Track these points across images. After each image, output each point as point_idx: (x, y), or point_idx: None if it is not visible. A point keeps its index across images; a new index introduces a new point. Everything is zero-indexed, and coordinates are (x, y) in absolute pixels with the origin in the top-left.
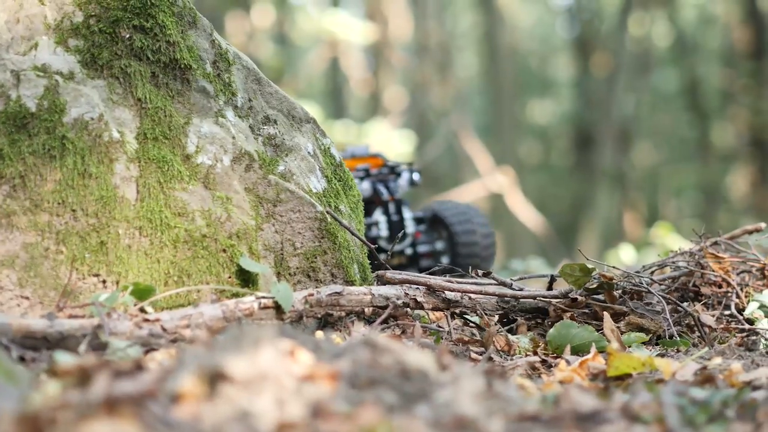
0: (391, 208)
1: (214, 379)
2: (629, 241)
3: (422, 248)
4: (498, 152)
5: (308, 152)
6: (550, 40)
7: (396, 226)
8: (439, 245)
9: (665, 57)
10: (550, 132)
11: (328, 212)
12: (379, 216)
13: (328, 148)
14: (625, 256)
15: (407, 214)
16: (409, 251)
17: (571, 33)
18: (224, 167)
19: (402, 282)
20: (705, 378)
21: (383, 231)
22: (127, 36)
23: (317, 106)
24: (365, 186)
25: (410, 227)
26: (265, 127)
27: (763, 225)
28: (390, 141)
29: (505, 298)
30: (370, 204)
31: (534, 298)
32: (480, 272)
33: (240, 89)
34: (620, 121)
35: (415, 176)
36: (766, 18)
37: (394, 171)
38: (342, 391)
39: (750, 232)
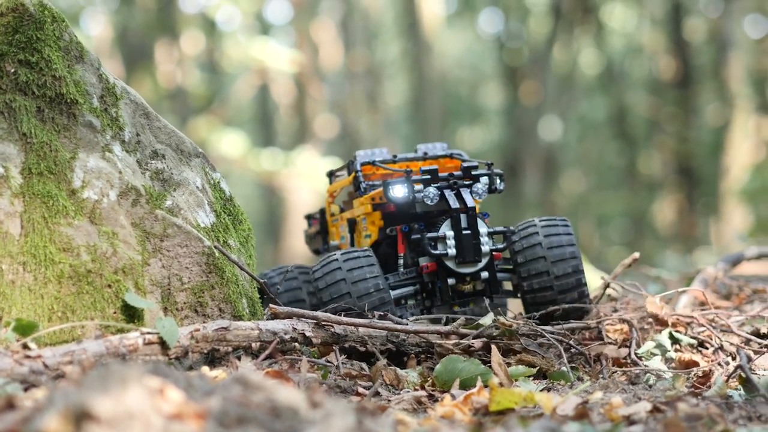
0: (463, 220)
1: (80, 418)
2: None
3: (503, 274)
4: None
5: (197, 186)
6: (480, 68)
7: (467, 243)
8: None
9: (593, 85)
10: (480, 159)
11: (216, 247)
12: (446, 230)
13: (218, 182)
14: None
15: (483, 229)
16: (485, 274)
17: (500, 61)
18: (110, 202)
19: (290, 316)
20: (581, 413)
21: (451, 249)
22: (12, 70)
23: (246, 133)
24: (432, 192)
25: (486, 245)
26: (152, 162)
27: (637, 255)
28: (317, 168)
29: (395, 333)
30: (439, 215)
31: (419, 333)
32: (377, 314)
33: (128, 123)
34: (547, 149)
35: (497, 182)
36: (690, 47)
37: (469, 174)
38: (210, 429)
39: (629, 266)
